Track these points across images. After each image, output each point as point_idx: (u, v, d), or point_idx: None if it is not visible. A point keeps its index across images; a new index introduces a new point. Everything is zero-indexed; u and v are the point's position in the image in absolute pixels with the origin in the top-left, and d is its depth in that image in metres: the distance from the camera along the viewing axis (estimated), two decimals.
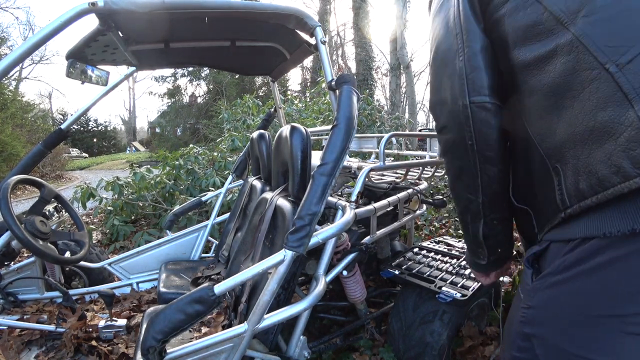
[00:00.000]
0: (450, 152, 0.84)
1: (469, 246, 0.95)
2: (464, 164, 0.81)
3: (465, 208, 0.87)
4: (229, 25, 1.73)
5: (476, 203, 0.83)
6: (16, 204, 6.87)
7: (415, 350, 1.49)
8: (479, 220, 0.85)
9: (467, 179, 0.83)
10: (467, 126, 0.77)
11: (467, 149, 0.79)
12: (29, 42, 1.20)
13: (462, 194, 0.86)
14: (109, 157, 26.79)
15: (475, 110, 0.76)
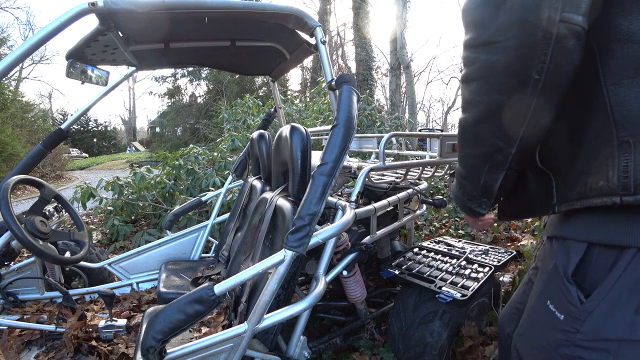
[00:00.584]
0: (490, 80, 0.61)
1: (471, 193, 0.79)
2: (509, 103, 0.60)
3: (486, 155, 0.69)
4: (229, 25, 1.73)
5: (505, 153, 0.66)
6: (16, 204, 6.88)
7: (415, 350, 1.49)
8: (500, 172, 0.70)
9: (504, 121, 0.62)
10: (542, 53, 0.53)
11: (525, 83, 0.57)
12: (29, 42, 1.20)
13: (490, 138, 0.66)
14: (109, 157, 26.79)
15: (564, 34, 0.52)
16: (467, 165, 0.76)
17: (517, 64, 0.56)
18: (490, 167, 0.70)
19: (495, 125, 0.64)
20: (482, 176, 0.73)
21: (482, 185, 0.74)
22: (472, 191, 0.78)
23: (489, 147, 0.68)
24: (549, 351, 0.63)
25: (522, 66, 0.56)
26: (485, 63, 0.60)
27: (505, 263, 1.75)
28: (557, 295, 0.64)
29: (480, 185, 0.75)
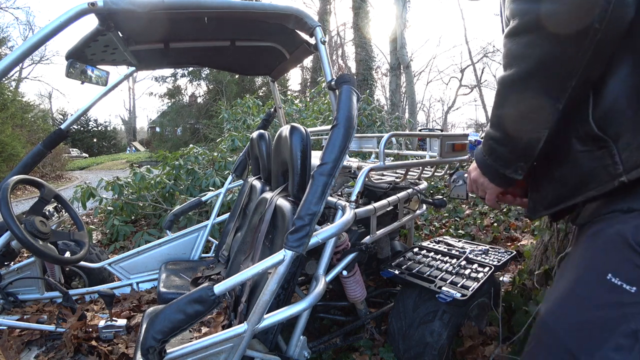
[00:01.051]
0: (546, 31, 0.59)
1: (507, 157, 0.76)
2: (564, 54, 0.59)
3: (531, 112, 0.67)
4: (229, 25, 1.73)
5: (552, 109, 0.64)
6: (16, 204, 6.88)
7: (415, 350, 1.49)
8: (544, 130, 0.67)
9: (556, 73, 0.61)
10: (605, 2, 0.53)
11: (585, 33, 0.55)
12: (29, 42, 1.20)
13: (537, 93, 0.64)
14: (109, 157, 26.80)
15: None
16: (507, 126, 0.72)
17: (578, 13, 0.55)
18: (535, 125, 0.68)
19: (545, 79, 0.62)
20: (524, 136, 0.70)
21: (522, 147, 0.71)
22: (508, 155, 0.75)
23: (535, 103, 0.65)
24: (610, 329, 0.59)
25: (583, 15, 0.54)
26: (542, 12, 0.58)
27: (505, 263, 1.75)
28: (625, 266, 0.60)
29: (520, 147, 0.72)
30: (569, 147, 0.69)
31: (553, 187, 0.75)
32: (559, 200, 0.74)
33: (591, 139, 0.65)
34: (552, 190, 0.75)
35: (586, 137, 0.66)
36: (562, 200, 0.74)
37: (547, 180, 0.77)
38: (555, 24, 0.58)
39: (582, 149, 0.67)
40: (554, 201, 0.75)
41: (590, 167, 0.65)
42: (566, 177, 0.71)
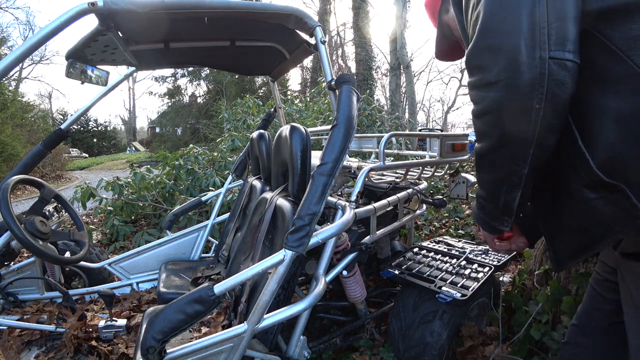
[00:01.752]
0: (499, 115, 0.70)
1: (493, 213, 0.86)
2: (518, 131, 0.69)
3: (503, 178, 0.77)
4: (229, 25, 1.73)
5: (520, 174, 0.74)
6: (16, 204, 6.87)
7: (415, 350, 1.49)
8: (517, 191, 0.77)
9: (516, 148, 0.71)
10: (539, 86, 0.63)
11: (529, 113, 0.65)
12: (29, 42, 1.20)
13: (505, 163, 0.74)
14: (109, 157, 26.80)
15: (554, 69, 0.63)
16: (487, 189, 0.84)
17: (520, 98, 0.65)
18: (508, 187, 0.77)
19: (508, 151, 0.73)
20: (502, 197, 0.80)
21: (502, 205, 0.81)
22: (493, 211, 0.85)
23: (505, 171, 0.75)
24: None
25: (524, 99, 0.65)
26: (492, 100, 0.69)
27: (505, 263, 1.75)
28: None
29: (500, 205, 0.81)
30: (579, 196, 0.73)
31: (574, 238, 0.79)
32: (585, 249, 0.78)
33: (601, 185, 0.68)
34: (574, 240, 0.79)
35: (596, 185, 0.69)
36: (587, 248, 0.77)
37: (564, 232, 0.81)
38: (504, 108, 0.68)
39: (594, 196, 0.70)
40: (579, 250, 0.79)
41: (609, 211, 0.69)
42: (585, 225, 0.75)
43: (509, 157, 0.73)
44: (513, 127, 0.69)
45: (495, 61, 0.66)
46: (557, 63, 0.62)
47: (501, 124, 0.70)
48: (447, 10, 1.09)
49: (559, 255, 0.85)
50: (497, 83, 0.67)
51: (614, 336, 1.01)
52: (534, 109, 0.64)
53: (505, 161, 0.74)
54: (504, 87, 0.66)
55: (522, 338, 1.59)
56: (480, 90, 0.71)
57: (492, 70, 0.67)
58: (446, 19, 1.10)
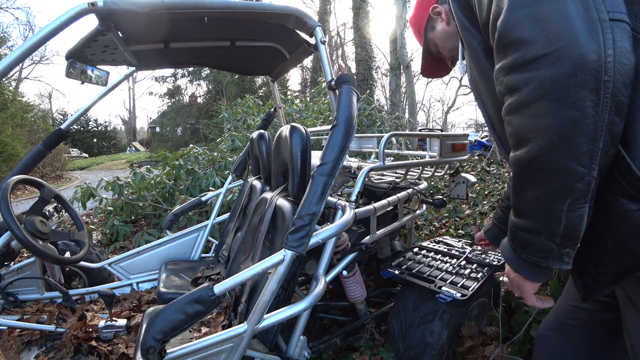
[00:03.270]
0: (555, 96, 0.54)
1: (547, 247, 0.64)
2: (582, 115, 0.53)
3: (564, 189, 0.59)
4: (229, 25, 1.73)
5: (588, 179, 0.57)
6: (16, 204, 6.88)
7: (415, 350, 1.49)
8: (584, 205, 0.59)
9: (581, 138, 0.55)
10: (604, 54, 0.51)
11: (596, 86, 0.52)
12: (29, 42, 1.20)
13: (566, 166, 0.57)
14: (109, 157, 26.80)
15: (618, 33, 0.52)
16: (537, 211, 0.64)
17: (584, 70, 0.52)
18: (572, 202, 0.59)
19: (571, 148, 0.56)
20: (563, 218, 0.60)
21: (564, 231, 0.61)
22: (548, 244, 0.64)
23: (567, 177, 0.58)
24: None
25: (589, 70, 0.52)
26: (546, 78, 0.54)
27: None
28: None
29: (561, 232, 0.62)
30: (618, 209, 0.61)
31: (612, 258, 0.66)
32: (626, 271, 0.65)
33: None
34: (612, 261, 0.66)
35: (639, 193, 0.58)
36: (630, 271, 0.64)
37: (599, 253, 0.68)
38: (563, 86, 0.53)
39: (637, 208, 0.59)
40: (619, 274, 0.66)
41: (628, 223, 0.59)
42: (627, 242, 0.62)
43: (571, 156, 0.56)
44: (575, 110, 0.53)
45: (542, 31, 0.54)
46: (620, 27, 0.52)
47: (559, 109, 0.54)
48: (434, 28, 1.08)
49: (590, 282, 0.71)
50: (549, 55, 0.53)
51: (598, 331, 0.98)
52: (602, 81, 0.51)
53: (566, 163, 0.57)
54: (562, 59, 0.52)
55: (522, 338, 1.59)
56: (523, 70, 0.57)
57: (537, 41, 0.54)
58: (432, 37, 1.09)
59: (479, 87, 0.84)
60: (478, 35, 0.77)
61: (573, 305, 1.03)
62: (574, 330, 1.01)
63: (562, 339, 1.04)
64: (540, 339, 1.11)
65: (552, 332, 1.07)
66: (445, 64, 1.19)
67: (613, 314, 0.88)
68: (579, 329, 1.00)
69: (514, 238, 0.70)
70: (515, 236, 0.69)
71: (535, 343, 1.15)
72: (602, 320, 0.96)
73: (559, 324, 1.06)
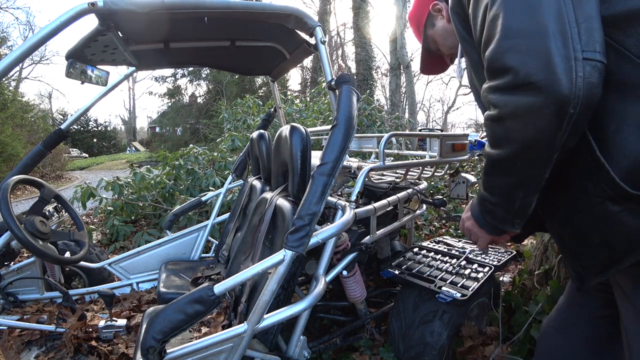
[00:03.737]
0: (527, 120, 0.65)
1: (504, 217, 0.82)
2: (545, 136, 0.64)
3: (521, 183, 0.74)
4: (229, 25, 1.73)
5: (540, 179, 0.71)
6: (16, 204, 6.88)
7: (415, 350, 1.49)
8: (534, 194, 0.75)
9: (540, 152, 0.67)
10: (576, 90, 0.59)
11: (562, 117, 0.61)
12: (29, 42, 1.20)
13: (526, 169, 0.71)
14: (109, 157, 26.80)
15: (588, 71, 0.59)
16: (500, 194, 0.80)
17: (555, 102, 0.60)
18: (525, 192, 0.75)
19: (530, 157, 0.69)
20: (517, 201, 0.77)
21: (516, 209, 0.79)
22: (504, 215, 0.82)
23: (524, 176, 0.73)
24: None
25: (561, 103, 0.60)
26: (519, 104, 0.64)
27: (505, 263, 1.75)
28: None
29: (514, 210, 0.79)
30: (601, 210, 0.69)
31: (598, 253, 0.75)
32: (612, 264, 0.74)
33: (626, 198, 0.65)
34: (598, 256, 0.75)
35: (620, 197, 0.66)
36: (615, 264, 0.73)
37: (587, 248, 0.77)
38: (534, 114, 0.63)
39: (619, 209, 0.67)
40: (606, 266, 0.75)
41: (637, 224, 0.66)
42: (611, 239, 0.71)
43: (530, 162, 0.70)
44: (541, 132, 0.64)
45: (524, 62, 0.62)
46: (591, 64, 0.59)
47: (528, 128, 0.65)
48: (433, 25, 1.09)
49: (582, 273, 0.81)
50: (527, 86, 0.62)
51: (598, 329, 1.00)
52: (568, 113, 0.61)
53: (526, 166, 0.71)
54: (538, 91, 0.61)
55: (522, 338, 1.59)
56: (504, 93, 0.66)
57: (519, 72, 0.62)
58: (432, 34, 1.10)
59: (477, 88, 0.87)
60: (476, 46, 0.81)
61: (573, 303, 1.04)
62: (575, 328, 1.03)
63: (563, 337, 1.05)
64: (542, 337, 1.12)
65: (554, 330, 1.08)
66: (444, 60, 1.19)
67: (612, 309, 0.90)
68: (579, 327, 1.02)
69: (481, 204, 0.87)
70: (482, 204, 0.87)
71: (538, 341, 1.16)
72: (602, 316, 0.98)
73: (560, 321, 1.07)
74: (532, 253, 2.11)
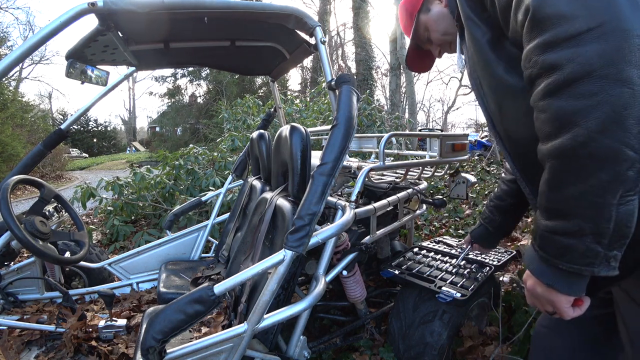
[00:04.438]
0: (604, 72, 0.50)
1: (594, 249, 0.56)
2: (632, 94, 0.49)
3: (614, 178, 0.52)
4: (229, 25, 1.73)
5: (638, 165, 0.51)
6: (16, 204, 6.88)
7: (415, 350, 1.49)
8: (634, 197, 0.53)
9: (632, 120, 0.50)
10: None
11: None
12: (29, 42, 1.20)
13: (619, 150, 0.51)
14: (109, 157, 26.81)
15: None
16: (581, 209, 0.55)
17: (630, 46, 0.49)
18: (623, 194, 0.53)
19: (623, 130, 0.50)
20: (613, 214, 0.53)
21: (613, 229, 0.54)
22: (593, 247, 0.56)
23: (620, 164, 0.51)
24: None
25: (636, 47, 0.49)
26: (590, 54, 0.50)
27: (505, 263, 1.75)
28: None
29: (610, 230, 0.54)
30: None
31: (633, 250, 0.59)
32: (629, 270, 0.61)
33: None
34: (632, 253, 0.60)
35: None
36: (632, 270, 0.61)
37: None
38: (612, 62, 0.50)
39: None
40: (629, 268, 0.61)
41: None
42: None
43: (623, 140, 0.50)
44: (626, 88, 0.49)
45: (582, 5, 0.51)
46: None
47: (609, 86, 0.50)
48: (428, 10, 1.03)
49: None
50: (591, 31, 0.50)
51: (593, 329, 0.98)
52: None
53: (618, 147, 0.51)
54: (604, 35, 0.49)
55: (522, 338, 1.59)
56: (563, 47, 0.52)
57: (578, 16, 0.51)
58: (425, 20, 1.04)
59: (480, 80, 0.82)
60: (482, 26, 0.76)
61: None
62: (568, 327, 0.99)
63: (558, 337, 1.04)
64: (537, 337, 1.11)
65: (548, 329, 1.07)
66: (431, 57, 1.16)
67: (607, 309, 0.88)
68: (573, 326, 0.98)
69: (548, 245, 0.61)
70: (550, 243, 0.60)
71: (532, 341, 1.15)
72: (596, 315, 0.95)
73: (554, 321, 1.05)
74: None
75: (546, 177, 0.59)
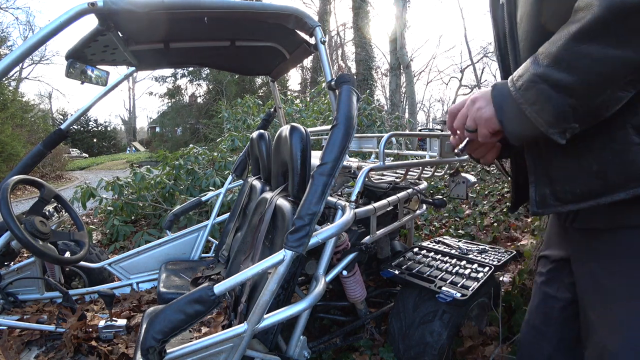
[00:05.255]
0: None
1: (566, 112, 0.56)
2: None
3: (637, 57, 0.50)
4: (229, 25, 1.73)
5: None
6: (16, 204, 6.87)
7: (415, 350, 1.49)
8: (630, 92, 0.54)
9: None
10: None
11: None
12: (29, 42, 1.20)
13: None
14: (109, 157, 26.82)
15: None
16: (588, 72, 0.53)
17: None
18: (629, 80, 0.51)
19: None
20: (607, 92, 0.53)
21: (595, 104, 0.54)
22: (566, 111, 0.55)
23: None
24: None
25: None
26: None
27: (505, 263, 1.75)
28: None
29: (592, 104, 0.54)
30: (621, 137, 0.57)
31: (584, 180, 0.63)
32: (590, 196, 0.62)
33: None
34: (583, 183, 0.63)
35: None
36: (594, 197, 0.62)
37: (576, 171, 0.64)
38: None
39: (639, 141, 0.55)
40: (583, 196, 0.63)
41: None
42: (607, 170, 0.59)
43: None
44: None
45: None
46: None
47: None
48: None
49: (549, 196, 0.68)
50: None
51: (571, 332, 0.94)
52: None
53: None
54: None
55: None
56: None
57: None
58: None
59: None
60: None
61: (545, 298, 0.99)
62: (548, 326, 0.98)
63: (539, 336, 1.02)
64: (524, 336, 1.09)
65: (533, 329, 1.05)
66: None
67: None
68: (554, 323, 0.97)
69: (529, 89, 0.57)
70: (533, 87, 0.57)
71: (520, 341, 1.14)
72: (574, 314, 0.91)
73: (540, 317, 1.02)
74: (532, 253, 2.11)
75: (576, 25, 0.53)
